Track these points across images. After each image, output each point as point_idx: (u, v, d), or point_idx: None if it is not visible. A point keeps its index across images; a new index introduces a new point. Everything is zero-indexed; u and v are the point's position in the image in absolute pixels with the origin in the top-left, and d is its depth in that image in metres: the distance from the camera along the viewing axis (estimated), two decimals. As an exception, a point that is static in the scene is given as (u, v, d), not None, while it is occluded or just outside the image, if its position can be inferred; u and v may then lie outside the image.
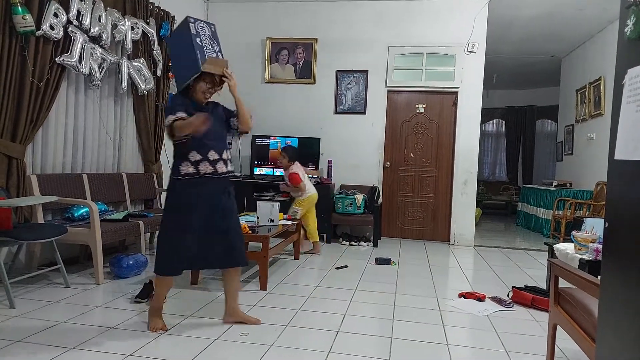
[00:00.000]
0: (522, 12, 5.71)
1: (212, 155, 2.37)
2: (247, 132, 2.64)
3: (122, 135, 4.40)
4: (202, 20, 2.39)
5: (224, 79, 2.41)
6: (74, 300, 2.83)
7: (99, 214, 3.38)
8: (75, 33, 3.52)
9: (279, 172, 5.44)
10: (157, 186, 4.77)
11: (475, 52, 5.50)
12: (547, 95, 9.59)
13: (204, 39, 2.31)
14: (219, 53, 2.39)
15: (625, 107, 1.14)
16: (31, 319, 2.49)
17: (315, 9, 5.82)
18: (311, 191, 4.63)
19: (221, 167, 2.41)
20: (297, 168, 4.56)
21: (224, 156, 2.44)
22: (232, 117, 2.55)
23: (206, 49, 2.30)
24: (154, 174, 4.75)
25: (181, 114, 2.30)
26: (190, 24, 2.30)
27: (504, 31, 6.37)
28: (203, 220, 2.37)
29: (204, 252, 2.41)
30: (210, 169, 2.36)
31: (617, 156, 1.17)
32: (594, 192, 5.97)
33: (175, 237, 2.34)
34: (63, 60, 3.44)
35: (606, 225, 1.24)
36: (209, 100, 2.48)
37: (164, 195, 4.99)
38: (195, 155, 2.34)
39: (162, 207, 2.46)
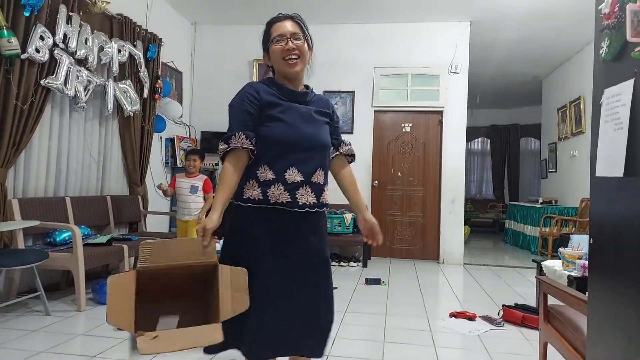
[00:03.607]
0: (503, 35, 5.88)
1: (292, 175, 1.50)
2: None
3: (107, 157, 4.36)
4: None
5: None
6: (54, 329, 2.74)
7: (82, 238, 3.31)
8: (61, 56, 3.51)
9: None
10: (142, 209, 4.71)
11: (458, 73, 5.62)
12: (530, 114, 9.80)
13: None
14: None
15: (603, 125, 1.17)
16: (9, 349, 2.39)
17: (302, 31, 5.89)
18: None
19: (304, 197, 1.51)
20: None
21: (315, 178, 1.54)
22: (334, 135, 1.69)
23: None
24: (139, 197, 4.68)
25: (239, 139, 1.46)
26: None
27: (486, 53, 6.53)
28: (276, 274, 1.49)
29: (272, 326, 1.48)
30: (284, 197, 1.49)
31: (598, 173, 1.19)
32: (579, 208, 6.05)
33: None
34: (48, 82, 3.41)
35: (591, 242, 1.24)
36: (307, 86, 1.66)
37: (149, 218, 4.91)
38: (265, 172, 1.50)
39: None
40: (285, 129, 1.51)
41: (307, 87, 1.66)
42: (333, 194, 1.47)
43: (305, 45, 1.58)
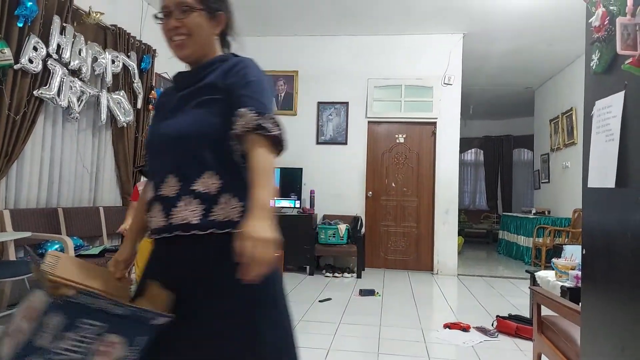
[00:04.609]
0: (495, 47, 5.95)
1: (150, 191, 1.12)
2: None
3: (100, 168, 4.33)
4: None
5: None
6: (44, 341, 2.69)
7: (74, 250, 3.27)
8: (55, 66, 3.50)
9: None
10: (135, 219, 4.67)
11: (451, 84, 5.67)
12: (523, 125, 9.89)
13: None
14: None
15: (595, 137, 1.18)
16: (-3, 362, 2.35)
17: (296, 42, 5.95)
18: None
19: (155, 218, 1.07)
20: None
21: (165, 190, 1.05)
22: (241, 106, 1.03)
23: None
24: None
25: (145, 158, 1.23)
26: None
27: (479, 64, 6.61)
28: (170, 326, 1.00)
29: None
30: (152, 219, 1.10)
31: (590, 184, 1.20)
32: (571, 219, 6.08)
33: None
34: (41, 93, 3.40)
35: (583, 252, 1.25)
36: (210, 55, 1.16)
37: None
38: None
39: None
40: (147, 136, 1.18)
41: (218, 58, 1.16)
42: (323, 204, 1.32)
43: (198, 17, 1.09)
